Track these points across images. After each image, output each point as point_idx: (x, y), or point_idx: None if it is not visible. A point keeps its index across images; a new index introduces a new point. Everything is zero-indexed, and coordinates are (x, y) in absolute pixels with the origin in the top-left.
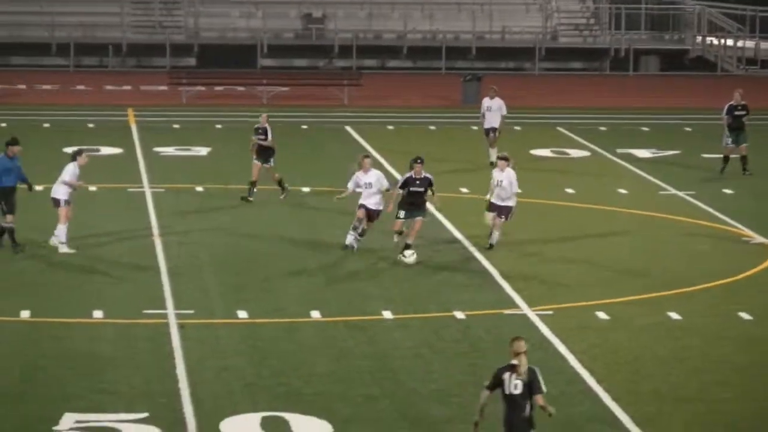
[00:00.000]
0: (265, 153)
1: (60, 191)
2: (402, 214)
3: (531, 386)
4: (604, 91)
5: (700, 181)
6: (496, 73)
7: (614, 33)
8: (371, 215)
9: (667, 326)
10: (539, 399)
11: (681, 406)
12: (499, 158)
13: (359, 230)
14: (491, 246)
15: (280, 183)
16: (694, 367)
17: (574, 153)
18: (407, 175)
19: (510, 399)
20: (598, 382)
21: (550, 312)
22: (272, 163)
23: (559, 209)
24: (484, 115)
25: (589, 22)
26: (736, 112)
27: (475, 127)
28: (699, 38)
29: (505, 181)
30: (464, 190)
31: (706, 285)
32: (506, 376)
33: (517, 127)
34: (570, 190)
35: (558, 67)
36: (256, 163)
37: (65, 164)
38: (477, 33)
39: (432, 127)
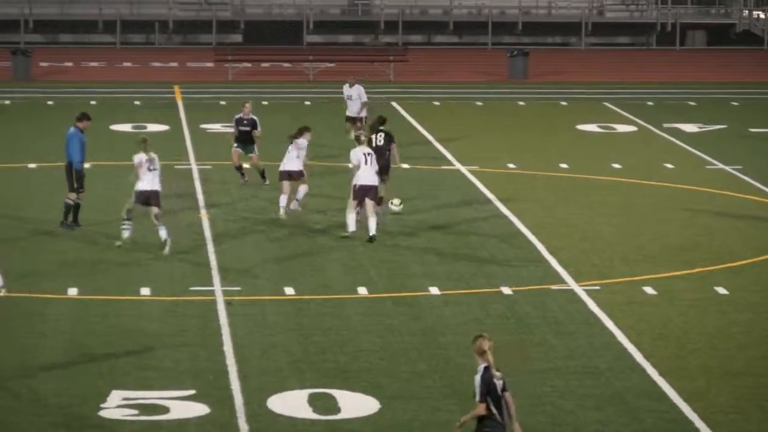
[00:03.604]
0: (246, 141)
1: None
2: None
3: (504, 382)
4: (650, 66)
5: (747, 155)
6: (542, 48)
7: (661, 7)
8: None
9: (714, 301)
10: (508, 395)
11: (729, 381)
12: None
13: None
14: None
15: (262, 173)
16: (741, 342)
17: (621, 128)
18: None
19: (498, 400)
20: (646, 357)
21: (597, 287)
22: (255, 152)
23: (605, 184)
24: (346, 103)
25: None
26: None
27: (522, 102)
28: (746, 12)
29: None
30: (511, 165)
31: (753, 259)
32: (493, 379)
33: (564, 103)
34: (617, 165)
35: (604, 42)
36: (236, 149)
37: (112, 141)
38: (523, 8)
39: (478, 103)
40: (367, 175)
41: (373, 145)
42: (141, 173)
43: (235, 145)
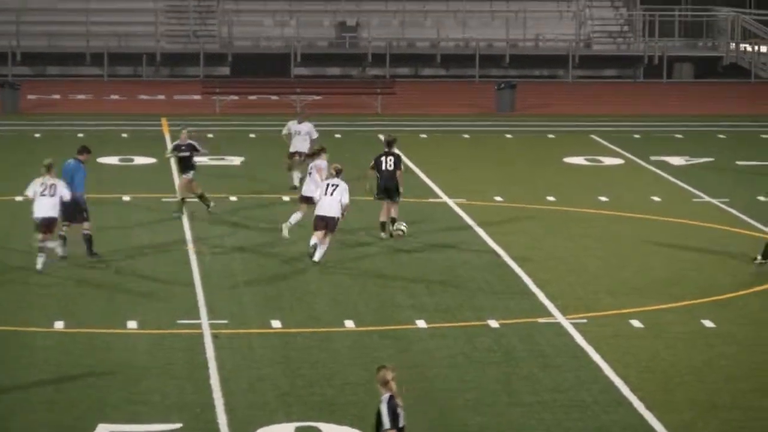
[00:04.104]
0: (186, 166)
1: None
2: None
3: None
4: (637, 99)
5: (734, 188)
6: (529, 81)
7: (648, 40)
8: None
9: (701, 334)
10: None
11: (716, 414)
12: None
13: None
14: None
15: (201, 197)
16: (729, 375)
17: (608, 161)
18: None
19: (402, 430)
20: (633, 390)
21: (584, 320)
22: (191, 175)
23: (592, 217)
24: (289, 137)
25: (622, 30)
26: None
27: (509, 135)
28: (733, 45)
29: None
30: (498, 198)
31: (740, 293)
32: (397, 408)
33: (551, 135)
34: (603, 198)
35: (592, 75)
36: (182, 177)
37: (99, 174)
38: (510, 40)
39: (466, 135)
40: (324, 204)
41: (383, 168)
42: (36, 199)
43: (180, 174)
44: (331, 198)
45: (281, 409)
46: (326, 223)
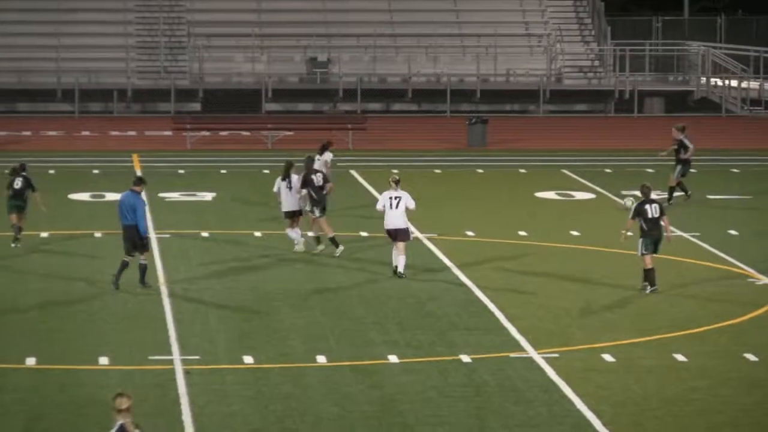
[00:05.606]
0: (17, 198)
1: None
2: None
3: None
4: (608, 133)
5: (706, 222)
6: (500, 116)
7: (619, 75)
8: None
9: (673, 368)
10: None
11: None
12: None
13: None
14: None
15: (19, 229)
16: (701, 409)
17: (580, 195)
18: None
19: None
20: (605, 424)
21: (556, 355)
22: (25, 211)
23: (564, 251)
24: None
25: (593, 64)
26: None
27: (480, 170)
28: (703, 79)
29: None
30: (470, 233)
31: (711, 326)
32: None
33: (523, 170)
34: (575, 233)
35: (563, 110)
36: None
37: (70, 210)
38: (482, 75)
39: (437, 171)
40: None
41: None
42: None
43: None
44: (397, 210)
45: None
46: (397, 235)
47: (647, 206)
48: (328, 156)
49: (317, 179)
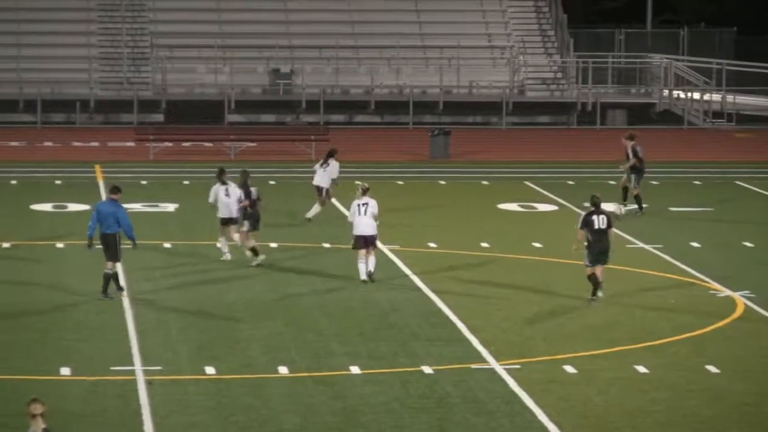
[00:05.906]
0: None
1: None
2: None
3: None
4: (571, 145)
5: (668, 234)
6: (463, 128)
7: (581, 87)
8: None
9: (635, 380)
10: None
11: None
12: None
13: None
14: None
15: None
16: (662, 421)
17: (542, 207)
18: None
19: None
20: None
21: (518, 366)
22: None
23: (526, 263)
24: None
25: (556, 77)
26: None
27: (443, 182)
28: (666, 92)
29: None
30: (432, 244)
31: (673, 338)
32: None
33: (485, 182)
34: (537, 244)
35: (525, 122)
36: None
37: (32, 220)
38: (444, 87)
39: (400, 182)
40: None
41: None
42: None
43: None
44: (366, 217)
45: None
46: (366, 241)
47: (594, 217)
48: (335, 166)
49: (254, 193)
